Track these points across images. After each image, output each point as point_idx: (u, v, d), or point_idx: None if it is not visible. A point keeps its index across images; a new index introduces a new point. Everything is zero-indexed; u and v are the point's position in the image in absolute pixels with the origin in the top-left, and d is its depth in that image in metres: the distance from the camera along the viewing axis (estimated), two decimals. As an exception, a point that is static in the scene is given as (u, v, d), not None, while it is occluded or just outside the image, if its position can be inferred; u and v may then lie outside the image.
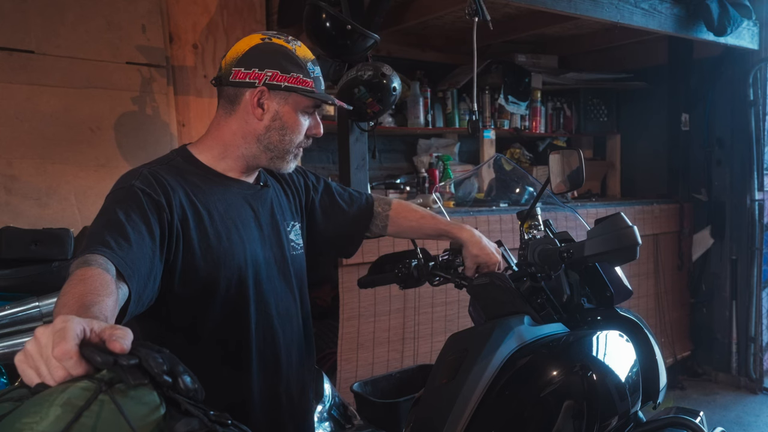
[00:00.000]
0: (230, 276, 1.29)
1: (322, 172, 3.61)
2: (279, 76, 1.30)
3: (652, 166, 4.34)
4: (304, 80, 1.33)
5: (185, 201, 1.26)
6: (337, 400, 2.08)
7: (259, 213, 1.39)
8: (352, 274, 2.64)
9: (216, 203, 1.31)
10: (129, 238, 1.09)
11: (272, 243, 1.40)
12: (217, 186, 1.34)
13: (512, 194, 3.29)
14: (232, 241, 1.31)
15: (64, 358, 0.66)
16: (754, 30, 3.70)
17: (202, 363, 1.30)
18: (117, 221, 1.12)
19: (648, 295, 3.96)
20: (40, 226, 2.27)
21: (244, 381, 1.34)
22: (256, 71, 1.31)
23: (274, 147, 1.35)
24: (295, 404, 1.45)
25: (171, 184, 1.25)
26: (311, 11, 2.40)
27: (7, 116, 2.40)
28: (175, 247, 1.22)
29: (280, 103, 1.33)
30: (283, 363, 1.40)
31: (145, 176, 1.24)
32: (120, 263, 1.04)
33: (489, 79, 3.86)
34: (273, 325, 1.38)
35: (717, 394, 3.94)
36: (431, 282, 1.67)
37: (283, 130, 1.34)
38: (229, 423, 0.70)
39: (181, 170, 1.32)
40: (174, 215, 1.22)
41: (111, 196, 1.22)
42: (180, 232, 1.23)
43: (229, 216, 1.32)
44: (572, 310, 1.52)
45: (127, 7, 2.63)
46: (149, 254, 1.13)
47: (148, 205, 1.18)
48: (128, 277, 1.05)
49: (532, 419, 1.24)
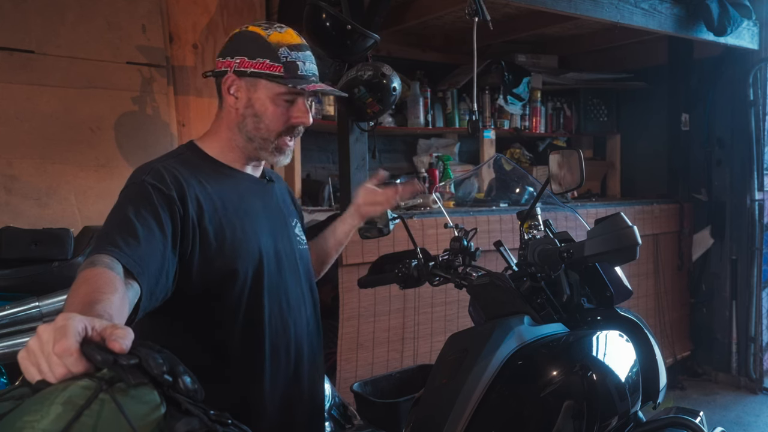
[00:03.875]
0: (247, 267, 1.30)
1: (322, 172, 3.61)
2: (246, 62, 1.30)
3: (652, 166, 4.34)
4: (272, 65, 1.29)
5: (200, 193, 1.26)
6: (337, 400, 2.08)
7: (268, 207, 1.41)
8: (352, 274, 2.64)
9: (229, 194, 1.32)
10: (137, 236, 1.10)
11: (282, 236, 1.41)
12: (228, 178, 1.35)
13: (512, 194, 3.29)
14: (246, 233, 1.31)
15: (64, 354, 0.66)
16: (754, 30, 3.70)
17: (216, 355, 1.30)
18: (126, 219, 1.12)
19: (648, 295, 3.95)
20: (40, 226, 2.27)
21: (258, 374, 1.33)
22: (228, 59, 1.32)
23: (253, 136, 1.34)
24: (306, 399, 1.45)
25: (185, 176, 1.25)
26: (311, 11, 2.40)
27: (8, 116, 2.40)
28: (192, 240, 1.22)
29: (250, 89, 1.32)
30: (293, 356, 1.40)
31: (157, 170, 1.24)
32: (128, 261, 1.04)
33: (489, 79, 3.86)
34: (284, 318, 1.38)
35: (717, 394, 3.94)
36: (431, 282, 1.68)
37: (256, 118, 1.33)
38: (229, 422, 0.71)
39: (193, 163, 1.32)
40: (188, 208, 1.22)
41: (123, 193, 1.23)
42: (196, 225, 1.23)
43: (242, 208, 1.33)
44: (572, 310, 1.52)
45: (127, 7, 2.63)
46: (160, 249, 1.13)
47: (159, 201, 1.18)
48: (138, 274, 1.05)
49: (532, 419, 1.24)
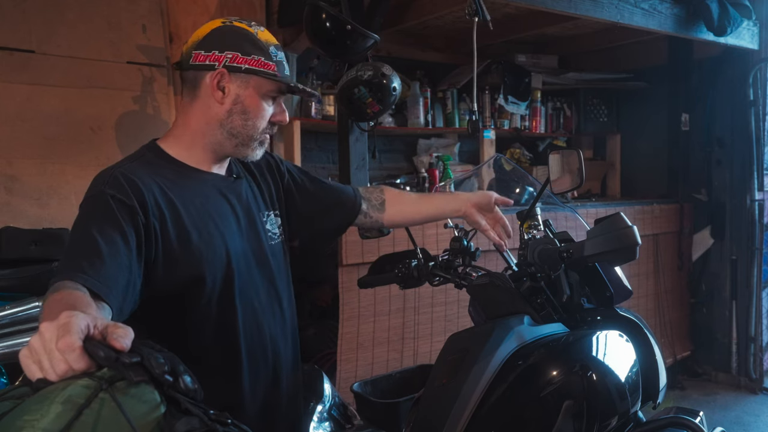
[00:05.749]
0: (215, 271, 1.28)
1: (322, 172, 3.61)
2: (239, 58, 1.28)
3: (652, 166, 4.34)
4: (266, 63, 1.29)
5: (161, 198, 1.23)
6: (337, 400, 2.08)
7: (234, 206, 1.37)
8: (352, 274, 2.64)
9: (192, 198, 1.29)
10: (101, 254, 1.08)
11: (249, 235, 1.38)
12: (191, 180, 1.31)
13: (512, 194, 3.28)
14: (211, 235, 1.28)
15: (67, 350, 0.66)
16: (754, 30, 3.70)
17: (189, 361, 1.30)
18: (88, 237, 1.10)
19: (648, 295, 3.95)
20: (40, 226, 2.27)
21: (235, 377, 1.33)
22: (215, 53, 1.28)
23: (238, 132, 1.32)
24: (284, 401, 1.44)
25: (144, 181, 1.22)
26: (311, 11, 2.40)
27: (8, 116, 2.40)
28: (154, 247, 1.20)
29: (241, 86, 1.30)
30: (270, 356, 1.39)
31: (116, 178, 1.20)
32: (93, 284, 1.03)
33: (489, 79, 3.86)
34: (258, 319, 1.36)
35: (717, 394, 3.94)
36: (431, 282, 1.67)
37: (245, 115, 1.31)
38: (228, 422, 0.71)
39: (154, 166, 1.29)
40: (149, 215, 1.19)
41: (83, 206, 1.20)
42: (157, 231, 1.20)
43: (206, 210, 1.30)
44: (572, 310, 1.52)
45: (128, 6, 2.63)
46: (126, 264, 1.11)
47: (120, 212, 1.15)
48: (105, 295, 1.04)
49: (532, 419, 1.24)
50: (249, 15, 2.90)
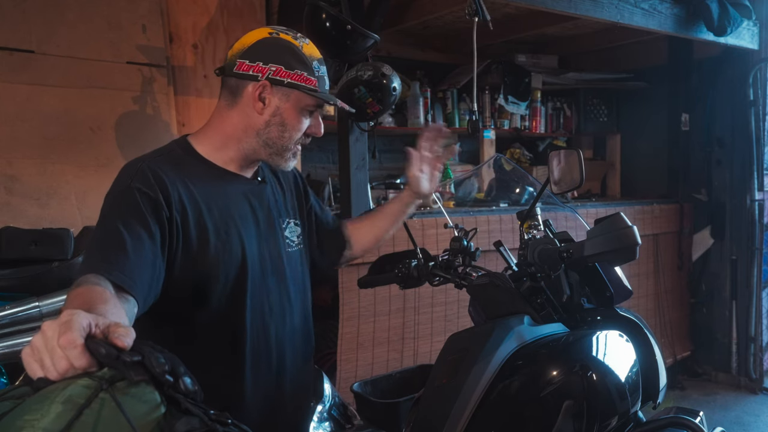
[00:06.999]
0: (228, 271, 1.29)
1: (322, 172, 3.61)
2: (283, 72, 1.30)
3: (652, 166, 4.34)
4: (308, 78, 1.32)
5: (185, 194, 1.25)
6: (337, 400, 2.08)
7: (256, 209, 1.39)
8: (352, 274, 2.64)
9: (216, 197, 1.31)
10: (126, 248, 1.10)
11: (268, 240, 1.40)
12: (217, 180, 1.33)
13: (512, 194, 3.29)
14: (230, 236, 1.30)
15: (68, 347, 0.67)
16: (754, 30, 3.70)
17: (193, 359, 1.31)
18: (114, 231, 1.12)
19: (648, 295, 3.95)
20: (40, 226, 2.27)
21: (237, 379, 1.33)
22: (260, 65, 1.30)
23: (273, 143, 1.34)
24: (288, 403, 1.44)
25: (170, 177, 1.24)
26: (311, 11, 2.40)
27: (8, 116, 2.39)
28: (175, 242, 1.22)
29: (282, 99, 1.32)
30: (275, 361, 1.40)
31: (143, 172, 1.22)
32: (117, 277, 1.05)
33: (489, 79, 3.86)
34: (266, 322, 1.37)
35: (717, 394, 3.94)
36: (431, 282, 1.67)
37: (282, 126, 1.33)
38: (229, 422, 0.71)
39: (181, 162, 1.31)
40: (173, 210, 1.21)
41: (109, 199, 1.21)
42: (179, 226, 1.22)
43: (229, 211, 1.32)
44: (572, 310, 1.52)
45: (128, 6, 2.63)
46: (150, 257, 1.14)
47: (146, 206, 1.17)
48: (131, 288, 1.06)
49: (532, 419, 1.24)
50: (249, 15, 2.90)
